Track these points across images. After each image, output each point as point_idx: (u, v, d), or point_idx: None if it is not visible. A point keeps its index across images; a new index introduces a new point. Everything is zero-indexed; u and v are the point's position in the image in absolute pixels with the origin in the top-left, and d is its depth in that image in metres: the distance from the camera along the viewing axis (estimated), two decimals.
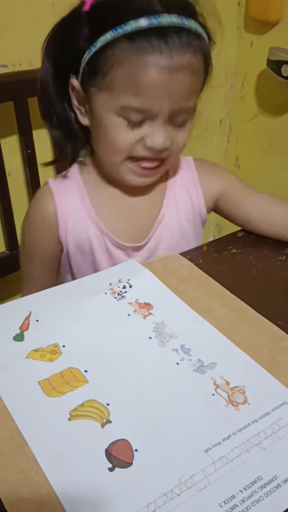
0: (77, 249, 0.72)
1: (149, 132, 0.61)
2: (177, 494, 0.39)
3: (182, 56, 0.57)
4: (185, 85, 0.59)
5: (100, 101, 0.61)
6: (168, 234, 0.74)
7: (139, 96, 0.58)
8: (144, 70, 0.57)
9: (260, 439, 0.43)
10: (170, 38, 0.56)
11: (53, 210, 0.70)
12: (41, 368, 0.48)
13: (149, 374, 0.49)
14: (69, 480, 0.39)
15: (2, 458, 0.41)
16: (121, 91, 0.59)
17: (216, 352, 0.51)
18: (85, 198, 0.71)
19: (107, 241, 0.71)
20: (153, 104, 0.59)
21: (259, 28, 1.32)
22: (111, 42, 0.57)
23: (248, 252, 0.71)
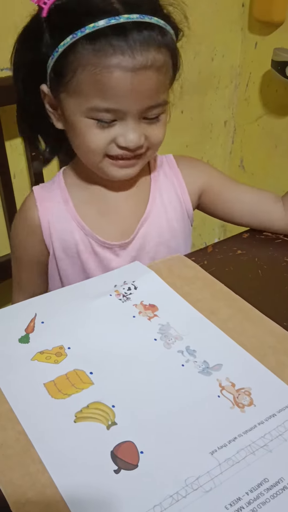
0: (63, 252, 0.73)
1: (121, 132, 0.61)
2: (183, 496, 0.39)
3: (145, 54, 0.56)
4: (151, 84, 0.59)
5: (69, 105, 0.61)
6: (155, 230, 0.73)
7: (106, 98, 0.58)
8: (108, 72, 0.56)
9: (266, 441, 0.43)
10: (131, 36, 0.56)
11: (36, 215, 0.71)
12: (46, 370, 0.48)
13: (155, 376, 0.49)
14: (75, 482, 0.39)
15: (9, 461, 0.41)
16: (87, 94, 0.59)
17: (222, 354, 0.51)
18: (68, 201, 0.71)
19: (93, 242, 0.71)
20: (120, 104, 0.58)
21: (263, 29, 1.32)
22: (72, 46, 0.57)
23: (253, 254, 0.70)
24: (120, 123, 0.61)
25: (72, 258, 0.73)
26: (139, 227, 0.72)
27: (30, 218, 0.71)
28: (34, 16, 0.61)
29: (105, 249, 0.72)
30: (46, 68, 0.61)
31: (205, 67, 1.37)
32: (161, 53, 0.58)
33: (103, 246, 0.72)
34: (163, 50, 0.59)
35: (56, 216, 0.71)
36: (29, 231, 0.72)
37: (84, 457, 0.41)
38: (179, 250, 0.75)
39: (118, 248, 0.72)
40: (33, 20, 0.61)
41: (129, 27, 0.56)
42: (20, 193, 1.08)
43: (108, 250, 0.72)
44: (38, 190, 0.72)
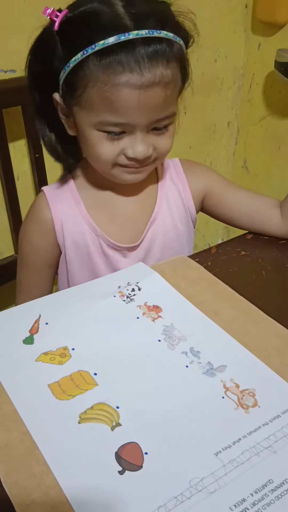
0: (74, 253, 0.73)
1: (130, 144, 0.62)
2: (187, 497, 0.38)
3: (153, 71, 0.57)
4: (159, 99, 0.60)
5: (81, 117, 0.63)
6: (161, 232, 0.75)
7: (115, 113, 0.60)
8: (117, 90, 0.58)
9: (270, 442, 0.43)
10: (139, 52, 0.56)
11: (49, 216, 0.71)
12: (51, 371, 0.48)
13: (159, 377, 0.49)
14: (79, 483, 0.39)
15: (13, 462, 0.41)
16: (97, 109, 0.60)
17: (226, 355, 0.51)
18: (80, 202, 0.72)
19: (103, 243, 0.73)
20: (129, 118, 0.60)
21: (266, 30, 1.32)
22: (83, 62, 0.58)
23: (257, 254, 0.70)
24: (129, 135, 0.62)
25: (82, 259, 0.74)
26: (146, 230, 0.74)
27: (43, 219, 0.72)
28: (47, 28, 0.62)
29: (114, 251, 0.73)
30: (58, 78, 0.62)
31: (209, 69, 1.37)
32: (169, 68, 0.59)
33: (113, 247, 0.73)
34: (171, 65, 0.59)
35: (68, 217, 0.72)
36: (42, 232, 0.73)
37: (89, 458, 0.41)
38: (182, 251, 0.77)
39: (127, 251, 0.73)
40: (46, 32, 0.62)
41: (138, 43, 0.56)
42: (24, 195, 1.08)
43: (117, 252, 0.73)
44: (49, 190, 0.73)
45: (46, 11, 0.60)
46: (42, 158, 1.05)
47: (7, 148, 0.99)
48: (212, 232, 1.65)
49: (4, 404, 0.45)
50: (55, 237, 0.72)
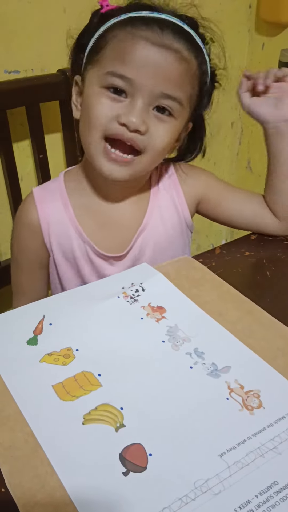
0: (61, 255, 0.73)
1: (126, 110, 0.60)
2: (192, 498, 0.38)
3: (173, 41, 0.59)
4: (171, 69, 0.60)
5: (90, 77, 0.63)
6: (152, 241, 0.73)
7: (125, 65, 0.59)
8: (133, 41, 0.59)
9: (275, 444, 0.42)
10: (166, 27, 0.59)
11: (36, 216, 0.71)
12: (55, 372, 0.48)
13: (163, 378, 0.48)
14: (83, 485, 0.39)
15: (18, 463, 0.41)
16: (110, 60, 0.61)
17: (230, 356, 0.51)
18: (68, 206, 0.71)
19: (89, 250, 0.71)
20: (137, 75, 0.59)
21: (270, 30, 1.31)
22: (112, 27, 0.61)
23: (261, 255, 0.70)
24: (128, 102, 0.60)
25: (69, 262, 0.73)
26: (135, 239, 0.72)
27: (30, 219, 0.71)
28: (93, 12, 0.65)
29: (101, 259, 0.72)
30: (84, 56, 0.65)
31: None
32: (189, 53, 0.61)
33: (99, 255, 0.72)
34: (192, 53, 0.61)
35: (55, 219, 0.71)
36: (30, 233, 0.72)
37: (93, 459, 0.41)
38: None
39: (113, 260, 0.72)
40: (93, 14, 0.65)
41: (167, 22, 0.60)
42: None
43: (104, 260, 0.72)
44: (38, 191, 0.72)
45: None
46: (46, 159, 1.06)
47: (11, 148, 1.00)
48: (216, 233, 1.65)
49: (8, 405, 0.45)
50: (42, 239, 0.71)
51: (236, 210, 0.75)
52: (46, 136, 1.04)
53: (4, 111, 0.95)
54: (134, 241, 0.72)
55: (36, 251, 0.73)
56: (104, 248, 0.71)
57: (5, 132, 0.97)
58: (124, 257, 0.73)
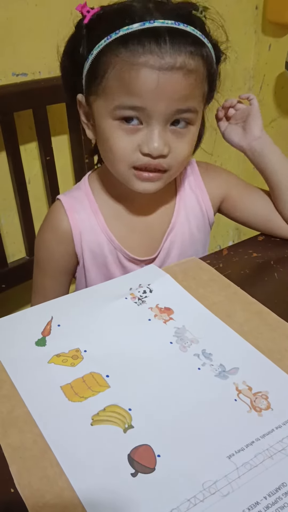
0: (93, 262, 0.73)
1: (145, 138, 0.60)
2: (200, 500, 0.38)
3: (174, 56, 0.56)
4: (178, 86, 0.58)
5: (98, 108, 0.62)
6: (178, 241, 0.74)
7: (132, 96, 0.58)
8: (135, 70, 0.57)
9: (284, 445, 0.42)
10: (162, 39, 0.56)
11: (68, 226, 0.70)
12: (63, 373, 0.49)
13: (171, 379, 0.49)
14: (92, 485, 0.39)
15: (27, 464, 0.41)
16: (115, 92, 0.59)
17: (238, 357, 0.51)
18: (98, 213, 0.71)
19: (121, 255, 0.72)
20: (146, 103, 0.58)
21: (277, 31, 1.31)
22: (106, 48, 0.58)
23: (269, 256, 0.70)
24: (145, 128, 0.60)
25: (99, 268, 0.73)
26: (164, 240, 0.73)
27: (61, 228, 0.71)
28: (77, 24, 0.62)
29: (132, 263, 0.73)
30: (81, 75, 0.62)
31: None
32: (194, 60, 0.58)
33: (131, 260, 0.72)
34: (196, 58, 0.58)
35: (87, 227, 0.71)
36: (60, 241, 0.72)
37: (101, 460, 0.41)
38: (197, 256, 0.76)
39: (144, 263, 0.73)
40: (76, 28, 0.62)
41: (162, 30, 0.56)
42: (35, 198, 1.09)
43: (135, 264, 0.73)
44: (66, 199, 0.72)
45: (79, 7, 0.61)
46: (53, 161, 1.06)
47: (19, 151, 1.00)
48: (223, 234, 1.65)
49: (17, 406, 0.46)
50: (73, 246, 0.72)
51: (252, 212, 0.76)
52: (53, 138, 1.05)
53: (12, 114, 0.96)
54: (163, 242, 0.73)
55: (64, 259, 0.73)
56: (135, 252, 0.72)
57: (12, 135, 0.97)
58: (154, 260, 0.74)
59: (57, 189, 1.09)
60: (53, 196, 1.08)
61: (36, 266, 0.77)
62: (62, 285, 0.76)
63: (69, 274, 0.76)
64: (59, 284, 0.76)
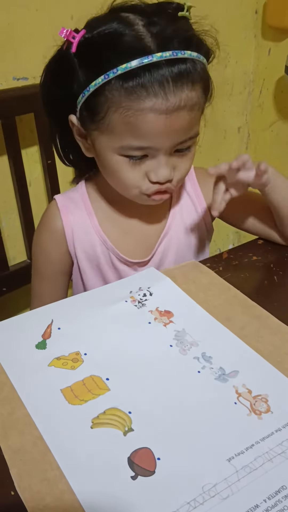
0: (86, 262, 0.73)
1: (152, 167, 0.61)
2: (200, 503, 0.38)
3: (178, 94, 0.56)
4: (185, 122, 0.59)
5: (101, 142, 0.62)
6: (174, 244, 0.74)
7: (139, 138, 0.58)
8: (141, 115, 0.56)
9: (283, 448, 0.42)
10: (164, 75, 0.55)
11: (60, 225, 0.71)
12: (63, 376, 0.49)
13: (171, 383, 0.49)
14: (92, 488, 0.39)
15: (27, 466, 0.41)
16: (120, 133, 0.59)
17: (238, 360, 0.51)
18: (92, 214, 0.72)
19: (113, 257, 0.72)
20: (153, 142, 0.59)
21: (276, 35, 1.32)
22: (104, 85, 0.57)
23: (269, 259, 0.70)
24: (151, 158, 0.61)
25: (93, 269, 0.74)
26: (158, 244, 0.73)
27: (55, 227, 0.72)
28: (63, 50, 0.60)
29: (125, 265, 0.73)
30: (75, 101, 0.61)
31: (219, 74, 1.37)
32: (194, 89, 0.58)
33: (123, 262, 0.73)
34: (196, 86, 0.58)
35: (80, 227, 0.72)
36: (54, 240, 0.72)
37: (101, 463, 0.41)
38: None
39: (137, 266, 0.73)
40: (62, 54, 0.60)
41: (161, 65, 0.55)
42: (36, 201, 1.09)
43: (128, 266, 0.73)
44: (61, 199, 0.73)
45: (62, 32, 0.58)
46: (54, 165, 1.06)
47: (20, 154, 1.00)
48: (223, 237, 1.65)
49: (17, 409, 0.46)
50: (66, 246, 0.72)
51: (250, 219, 0.75)
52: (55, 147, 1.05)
53: (13, 118, 0.96)
54: (157, 246, 0.73)
55: (59, 259, 0.74)
56: (128, 254, 0.72)
57: (14, 138, 0.98)
58: (147, 263, 0.74)
59: (58, 192, 1.09)
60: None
61: (33, 268, 0.78)
62: (59, 288, 0.77)
63: (65, 275, 0.76)
64: (56, 287, 0.76)
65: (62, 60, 0.60)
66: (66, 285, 0.78)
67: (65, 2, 1.02)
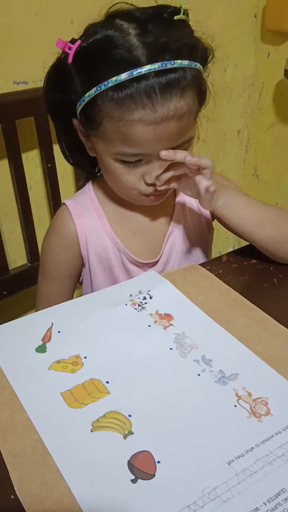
0: (98, 265, 0.74)
1: (147, 170, 0.63)
2: (200, 506, 0.38)
3: (166, 105, 0.57)
4: (174, 131, 0.60)
5: (99, 146, 0.64)
6: (179, 243, 0.75)
7: (131, 146, 0.60)
8: (131, 126, 0.58)
9: (283, 451, 0.42)
10: (151, 88, 0.56)
11: (73, 230, 0.72)
12: (63, 379, 0.49)
13: (171, 386, 0.49)
14: (92, 492, 0.40)
15: (26, 470, 0.41)
16: (114, 141, 0.61)
17: (238, 363, 0.51)
18: (103, 217, 0.73)
19: (125, 258, 0.73)
20: (146, 149, 0.61)
21: (275, 39, 1.32)
22: (97, 96, 0.58)
23: (269, 262, 0.70)
24: (145, 163, 0.63)
25: (104, 271, 0.75)
26: (165, 243, 0.74)
27: (67, 232, 0.73)
28: (61, 59, 0.62)
29: (136, 266, 0.74)
30: (75, 107, 0.63)
31: (218, 77, 1.37)
32: (184, 98, 0.58)
33: (134, 263, 0.74)
34: (186, 94, 0.58)
35: (92, 230, 0.73)
36: (66, 246, 0.73)
37: (101, 467, 0.41)
38: (199, 260, 0.77)
39: (148, 266, 0.74)
40: (60, 63, 0.62)
41: (150, 76, 0.56)
42: (36, 204, 1.09)
43: (138, 267, 0.74)
44: (72, 204, 0.74)
45: (59, 43, 0.60)
46: (54, 168, 1.07)
47: (20, 158, 1.01)
48: (223, 240, 1.65)
49: (17, 412, 0.46)
50: (79, 250, 0.73)
51: (245, 226, 0.71)
52: (54, 145, 1.05)
53: (13, 122, 0.97)
54: (164, 245, 0.74)
55: (70, 263, 0.75)
56: (139, 255, 0.73)
57: (14, 142, 0.98)
58: (156, 263, 0.75)
59: (58, 195, 1.10)
60: (54, 202, 1.09)
61: (41, 272, 0.78)
62: (66, 291, 0.77)
63: (73, 278, 0.77)
64: (63, 290, 0.77)
65: (61, 69, 0.62)
66: (73, 288, 0.78)
67: (65, 6, 1.02)
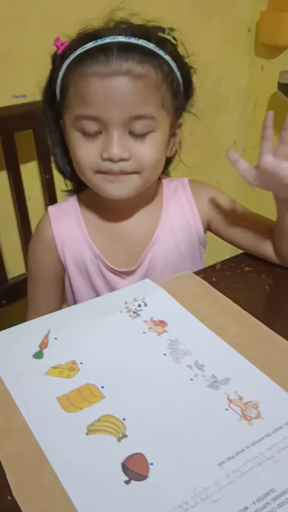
0: (76, 271, 0.75)
1: (104, 144, 0.63)
2: (191, 506, 0.39)
3: (120, 63, 0.59)
4: (127, 91, 0.60)
5: (65, 122, 0.66)
6: (163, 256, 0.75)
7: (87, 106, 0.61)
8: (85, 80, 0.61)
9: (273, 453, 0.44)
10: (110, 51, 0.60)
11: (51, 235, 0.74)
12: (59, 384, 0.50)
13: (164, 390, 0.50)
14: (87, 493, 0.41)
15: (23, 472, 0.42)
16: (73, 104, 0.63)
17: (230, 368, 0.52)
18: (81, 223, 0.74)
19: (101, 265, 0.74)
20: (100, 111, 0.61)
21: (269, 52, 1.35)
22: (68, 69, 0.63)
23: (261, 270, 0.72)
24: (104, 136, 0.63)
25: (83, 276, 0.76)
26: (145, 253, 0.74)
27: (45, 237, 0.75)
28: (53, 55, 0.66)
29: (112, 274, 0.75)
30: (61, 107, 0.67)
31: (213, 90, 1.40)
32: (142, 67, 0.60)
33: (110, 270, 0.74)
34: (145, 66, 0.61)
35: (69, 236, 0.74)
36: (45, 249, 0.75)
37: (96, 469, 0.42)
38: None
39: (125, 274, 0.75)
40: (52, 59, 0.67)
41: (110, 46, 0.60)
42: (35, 215, 1.11)
43: (115, 274, 0.75)
44: (53, 209, 0.76)
45: (55, 41, 0.65)
46: (52, 179, 1.08)
47: (19, 169, 1.03)
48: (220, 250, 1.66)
49: (14, 416, 0.47)
50: (57, 255, 0.75)
51: (241, 236, 0.75)
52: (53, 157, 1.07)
53: (12, 134, 0.99)
54: (143, 256, 0.74)
55: (51, 267, 0.76)
56: (116, 263, 0.74)
57: (13, 154, 1.00)
58: (134, 272, 0.75)
59: None
60: None
61: (28, 278, 0.80)
62: (53, 296, 0.79)
63: (58, 283, 0.78)
64: (50, 295, 0.78)
65: (52, 63, 0.66)
66: (60, 292, 0.80)
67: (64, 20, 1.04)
